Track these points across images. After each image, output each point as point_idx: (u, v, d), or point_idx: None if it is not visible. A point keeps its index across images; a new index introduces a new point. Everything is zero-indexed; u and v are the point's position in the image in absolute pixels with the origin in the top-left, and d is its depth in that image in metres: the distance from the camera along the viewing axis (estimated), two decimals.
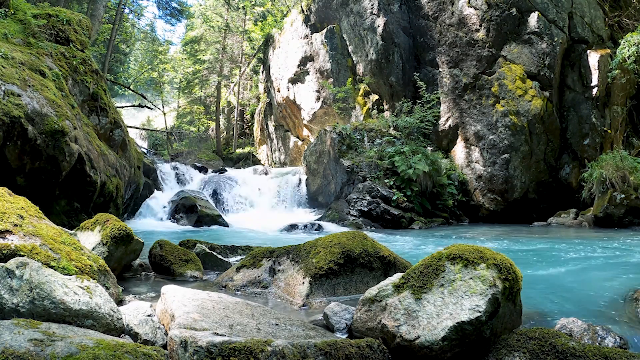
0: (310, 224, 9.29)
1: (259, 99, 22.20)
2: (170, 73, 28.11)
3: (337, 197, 11.31)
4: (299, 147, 17.85)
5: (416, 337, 1.92)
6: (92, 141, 7.16)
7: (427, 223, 10.19)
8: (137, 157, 9.69)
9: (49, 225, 2.72)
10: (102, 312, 1.98)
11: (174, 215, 10.18)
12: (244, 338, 1.68)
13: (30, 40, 7.02)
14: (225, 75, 24.44)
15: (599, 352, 1.79)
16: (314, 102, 16.07)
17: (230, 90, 24.87)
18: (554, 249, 6.24)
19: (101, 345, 1.55)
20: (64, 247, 2.53)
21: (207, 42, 24.35)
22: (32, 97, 5.86)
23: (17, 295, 1.87)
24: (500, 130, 11.00)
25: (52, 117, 5.98)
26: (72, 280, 2.05)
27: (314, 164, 12.54)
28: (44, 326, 1.68)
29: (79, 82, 7.68)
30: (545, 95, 10.91)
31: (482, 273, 2.02)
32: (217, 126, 23.36)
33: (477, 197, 11.48)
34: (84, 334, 1.74)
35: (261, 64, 21.58)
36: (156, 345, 1.99)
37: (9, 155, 5.53)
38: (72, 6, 17.92)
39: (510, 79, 11.05)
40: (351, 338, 2.11)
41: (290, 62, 17.13)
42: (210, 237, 7.12)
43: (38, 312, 1.86)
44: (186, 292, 2.27)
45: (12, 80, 5.73)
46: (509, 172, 11.00)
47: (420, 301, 2.04)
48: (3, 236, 2.35)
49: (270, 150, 20.16)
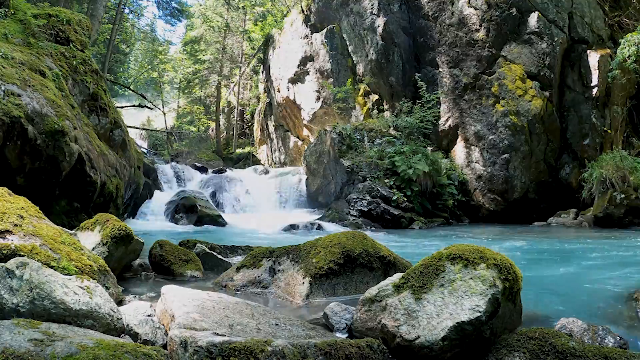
0: (310, 224, 9.29)
1: (259, 99, 22.20)
2: (170, 73, 28.11)
3: (337, 197, 11.31)
4: (299, 147, 17.86)
5: (416, 337, 1.92)
6: (92, 141, 7.16)
7: (427, 223, 10.19)
8: (137, 157, 9.69)
9: (49, 225, 2.72)
10: (102, 312, 1.98)
11: (174, 215, 10.18)
12: (244, 338, 1.68)
13: (30, 40, 7.02)
14: (225, 75, 24.44)
15: (599, 352, 1.79)
16: (314, 102, 16.07)
17: (230, 90, 24.88)
18: (554, 249, 6.25)
19: (101, 345, 1.55)
20: (64, 247, 2.53)
21: (207, 42, 24.36)
22: (32, 97, 5.86)
23: (17, 295, 1.87)
24: (500, 130, 11.00)
25: (52, 117, 5.98)
26: (72, 280, 2.05)
27: (314, 164, 12.54)
28: (44, 326, 1.68)
29: (79, 82, 7.68)
30: (545, 95, 10.91)
31: (482, 273, 2.02)
32: (217, 126, 23.36)
33: (477, 197, 11.48)
34: (84, 334, 1.74)
35: (261, 64, 21.58)
36: (156, 345, 1.99)
37: (9, 155, 5.53)
38: (72, 6, 17.91)
39: (510, 79, 11.05)
40: (351, 338, 2.11)
41: (290, 62, 17.13)
42: (210, 237, 7.13)
43: (38, 312, 1.86)
44: (186, 292, 2.27)
45: (12, 80, 5.73)
46: (509, 172, 11.00)
47: (420, 301, 2.04)
48: (3, 236, 2.35)
49: (270, 150, 20.17)
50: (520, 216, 10.95)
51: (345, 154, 11.83)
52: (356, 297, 2.77)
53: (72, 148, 6.22)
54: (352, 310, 2.32)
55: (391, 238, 7.60)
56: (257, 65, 23.35)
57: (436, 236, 8.18)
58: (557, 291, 3.45)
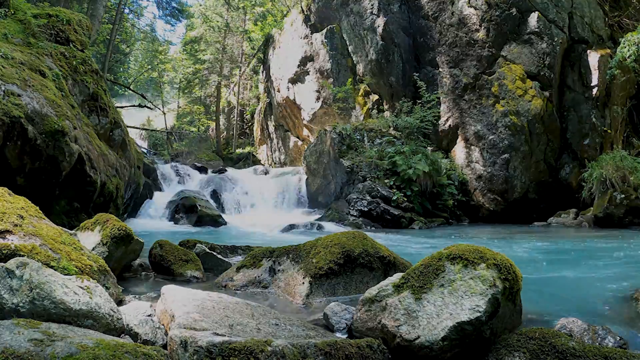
0: (310, 224, 9.29)
1: (259, 99, 22.20)
2: (170, 73, 28.11)
3: (337, 197, 11.31)
4: (299, 147, 17.85)
5: (416, 337, 1.92)
6: (92, 141, 7.16)
7: (427, 223, 10.18)
8: (137, 157, 9.69)
9: (49, 225, 2.72)
10: (102, 312, 1.98)
11: (173, 215, 10.17)
12: (244, 338, 1.68)
13: (30, 40, 7.02)
14: (225, 75, 24.43)
15: (599, 352, 1.79)
16: (314, 102, 16.07)
17: (230, 90, 24.87)
18: (554, 249, 6.25)
19: (101, 345, 1.55)
20: (64, 247, 2.53)
21: (207, 42, 24.35)
22: (32, 97, 5.86)
23: (17, 295, 1.87)
24: (500, 130, 11.00)
25: (52, 117, 5.98)
26: (72, 281, 2.05)
27: (314, 164, 12.54)
28: (44, 326, 1.68)
29: (79, 82, 7.68)
30: (545, 95, 10.91)
31: (482, 273, 2.02)
32: (217, 126, 23.36)
33: (477, 197, 11.48)
34: (84, 334, 1.74)
35: (261, 63, 21.58)
36: (156, 345, 1.99)
37: (8, 155, 5.53)
38: (72, 6, 17.91)
39: (510, 79, 11.05)
40: (351, 338, 2.11)
41: (290, 62, 17.13)
42: (210, 237, 7.13)
43: (38, 312, 1.86)
44: (186, 292, 2.26)
45: (12, 80, 5.73)
46: (509, 172, 11.00)
47: (420, 301, 2.04)
48: (3, 236, 2.35)
49: (270, 150, 20.17)
50: (520, 216, 10.95)
51: (345, 154, 11.83)
52: (356, 297, 2.77)
53: (72, 148, 6.22)
54: (352, 311, 2.32)
55: (391, 238, 7.60)
56: (257, 65, 23.36)
57: (436, 236, 8.18)
58: (557, 291, 3.45)
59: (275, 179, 13.80)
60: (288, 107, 17.95)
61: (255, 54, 23.26)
